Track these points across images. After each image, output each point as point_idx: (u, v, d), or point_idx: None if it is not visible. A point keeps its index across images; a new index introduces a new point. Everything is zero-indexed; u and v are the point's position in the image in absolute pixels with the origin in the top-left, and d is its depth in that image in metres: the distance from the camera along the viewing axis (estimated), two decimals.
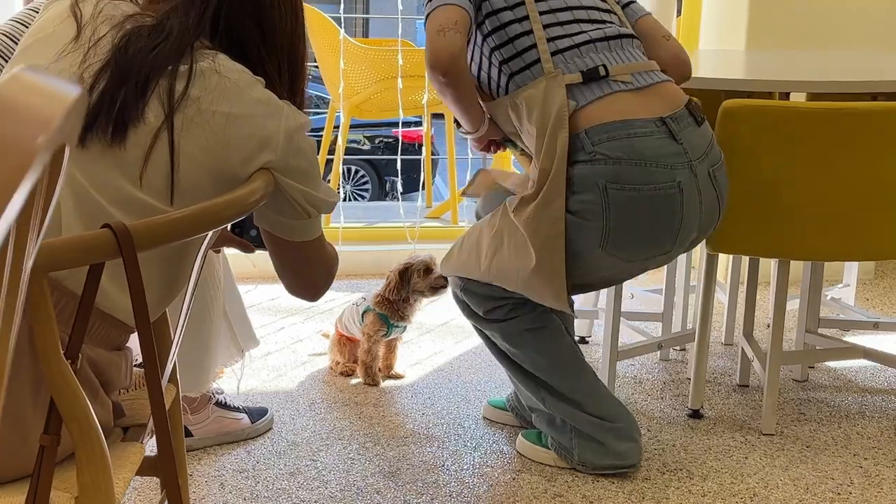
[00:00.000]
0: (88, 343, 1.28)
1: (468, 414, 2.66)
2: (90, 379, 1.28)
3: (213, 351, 2.29)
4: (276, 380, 2.86)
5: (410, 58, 4.36)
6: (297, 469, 2.32)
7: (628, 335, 3.01)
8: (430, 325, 3.38)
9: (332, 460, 2.37)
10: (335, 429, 2.54)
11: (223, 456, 2.38)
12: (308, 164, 1.45)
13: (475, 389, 2.83)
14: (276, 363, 2.99)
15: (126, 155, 1.30)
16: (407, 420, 2.62)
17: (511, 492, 2.24)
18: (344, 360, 2.91)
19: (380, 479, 2.28)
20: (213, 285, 2.24)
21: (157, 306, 1.39)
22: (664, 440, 2.53)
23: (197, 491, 2.20)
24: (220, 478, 2.27)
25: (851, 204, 2.42)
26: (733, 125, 2.41)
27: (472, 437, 2.52)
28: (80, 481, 1.22)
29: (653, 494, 2.25)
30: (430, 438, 2.51)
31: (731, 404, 2.77)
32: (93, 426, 1.20)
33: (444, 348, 3.17)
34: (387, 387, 2.84)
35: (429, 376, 2.93)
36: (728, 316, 3.23)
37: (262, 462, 2.35)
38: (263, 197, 1.34)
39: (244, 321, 2.39)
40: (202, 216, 1.22)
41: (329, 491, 2.22)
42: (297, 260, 1.58)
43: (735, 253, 2.60)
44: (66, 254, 1.13)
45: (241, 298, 2.41)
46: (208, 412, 2.40)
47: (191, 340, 2.21)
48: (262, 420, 2.51)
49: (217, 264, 2.25)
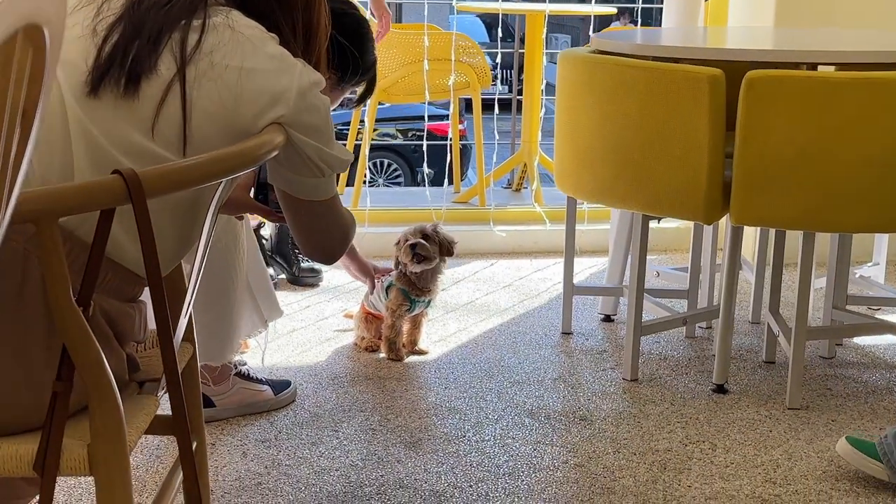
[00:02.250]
0: (101, 294, 1.29)
1: (490, 388, 2.65)
2: (103, 329, 1.28)
3: (236, 321, 2.30)
4: (300, 355, 2.87)
5: (436, 41, 4.35)
6: (318, 439, 2.33)
7: (654, 313, 2.98)
8: (455, 305, 3.37)
9: (353, 431, 2.37)
10: (357, 401, 2.55)
11: (246, 426, 2.39)
12: (321, 120, 1.45)
13: (498, 365, 2.82)
14: (301, 339, 3.00)
15: (139, 107, 1.31)
16: (429, 393, 2.61)
17: (532, 462, 2.24)
18: (370, 336, 2.91)
19: (401, 449, 2.28)
20: (237, 255, 2.25)
21: (169, 259, 1.39)
22: (687, 413, 2.51)
23: (218, 459, 2.21)
24: (242, 447, 2.28)
25: (878, 175, 2.38)
26: (757, 96, 2.39)
27: (494, 409, 2.52)
28: (92, 428, 1.23)
29: (675, 465, 2.23)
30: (451, 411, 2.50)
31: (756, 380, 2.74)
32: (105, 373, 1.20)
33: (467, 326, 3.16)
34: (410, 362, 2.84)
35: (452, 353, 2.92)
36: (755, 295, 3.20)
37: (285, 432, 2.36)
38: (275, 149, 1.34)
39: (267, 292, 2.40)
40: (213, 164, 1.22)
41: (350, 460, 2.23)
42: (312, 220, 1.58)
43: (759, 224, 2.57)
44: (75, 198, 1.13)
45: (264, 269, 2.41)
46: (230, 383, 2.40)
47: (213, 310, 2.23)
48: (285, 392, 2.51)
49: (241, 234, 2.26)
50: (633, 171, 2.59)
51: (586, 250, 3.92)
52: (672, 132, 2.50)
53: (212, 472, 2.15)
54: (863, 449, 2.15)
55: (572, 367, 2.83)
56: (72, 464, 1.23)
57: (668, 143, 2.52)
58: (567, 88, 2.78)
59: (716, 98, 2.43)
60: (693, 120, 2.46)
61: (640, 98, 2.54)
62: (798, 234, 2.56)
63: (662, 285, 3.38)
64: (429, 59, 4.24)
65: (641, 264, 2.68)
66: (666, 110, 2.50)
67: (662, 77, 2.50)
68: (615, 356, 2.89)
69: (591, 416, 2.48)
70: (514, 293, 3.52)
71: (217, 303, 2.23)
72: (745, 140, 2.43)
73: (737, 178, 2.45)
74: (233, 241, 2.22)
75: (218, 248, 2.20)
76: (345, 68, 2.23)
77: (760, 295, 3.17)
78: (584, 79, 2.69)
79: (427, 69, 4.22)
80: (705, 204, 2.50)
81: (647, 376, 2.75)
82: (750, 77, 2.39)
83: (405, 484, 2.12)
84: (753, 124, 2.40)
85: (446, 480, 2.14)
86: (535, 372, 2.77)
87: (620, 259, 3.15)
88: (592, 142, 2.69)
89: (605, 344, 3.01)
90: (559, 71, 2.83)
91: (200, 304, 2.08)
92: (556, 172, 2.90)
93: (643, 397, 2.61)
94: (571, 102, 2.76)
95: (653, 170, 2.55)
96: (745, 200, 2.45)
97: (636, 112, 2.55)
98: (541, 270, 3.80)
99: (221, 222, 2.17)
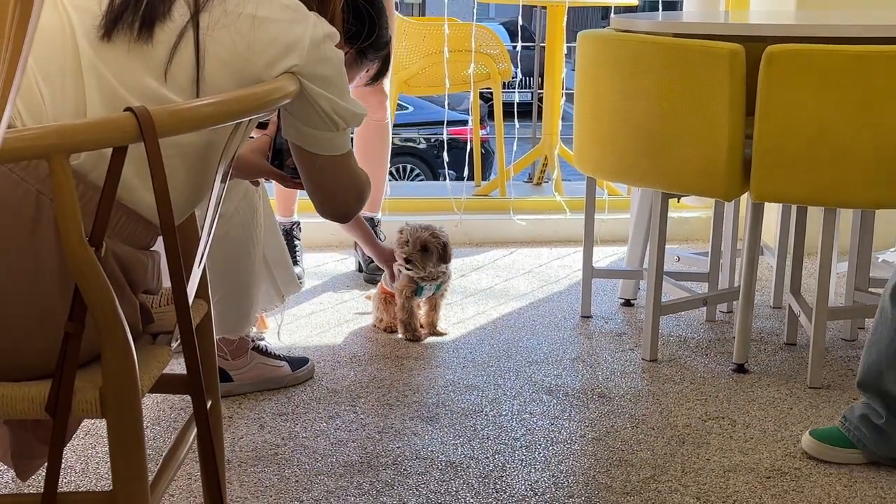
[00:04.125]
0: (114, 238, 1.28)
1: (508, 367, 2.64)
2: (116, 274, 1.28)
3: (253, 294, 2.29)
4: (318, 335, 2.87)
5: (456, 32, 4.35)
6: (336, 413, 2.32)
7: (674, 295, 2.96)
8: (474, 290, 3.36)
9: (371, 405, 2.36)
10: (375, 378, 2.54)
11: (263, 401, 2.38)
12: (334, 72, 1.45)
13: (517, 346, 2.80)
14: (319, 321, 2.99)
15: (152, 52, 1.31)
16: (447, 371, 2.60)
17: (549, 436, 2.22)
18: (389, 318, 2.91)
19: (418, 423, 2.27)
20: (254, 227, 2.24)
21: (181, 206, 1.39)
22: (707, 392, 2.48)
23: (235, 431, 2.21)
24: (260, 419, 2.28)
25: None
26: (777, 70, 2.36)
27: (512, 387, 2.50)
28: (104, 371, 1.23)
29: (693, 440, 2.20)
30: (469, 387, 2.49)
31: (777, 361, 2.71)
32: (117, 315, 1.20)
33: (486, 310, 3.15)
34: (428, 343, 2.83)
35: (471, 334, 2.91)
36: (776, 278, 3.17)
37: (302, 406, 2.36)
38: (288, 96, 1.34)
39: (285, 265, 2.39)
40: (225, 105, 1.22)
41: (367, 432, 2.22)
42: (325, 177, 1.58)
43: (780, 200, 2.54)
44: (86, 134, 1.13)
45: (282, 242, 2.41)
46: (248, 358, 2.40)
47: (230, 282, 2.23)
48: (303, 369, 2.51)
49: (258, 206, 2.25)
50: (653, 149, 2.57)
51: (606, 240, 3.90)
52: (692, 108, 2.49)
53: (228, 443, 2.14)
54: (830, 440, 2.12)
55: (591, 348, 2.81)
56: (84, 406, 1.23)
57: (688, 120, 2.50)
58: (587, 67, 2.76)
59: (735, 73, 2.41)
60: (713, 95, 2.44)
61: (660, 75, 2.52)
62: (819, 218, 2.54)
63: (683, 269, 3.36)
64: (449, 50, 4.24)
65: (661, 242, 2.66)
66: (686, 86, 2.48)
67: (682, 53, 2.48)
68: (634, 338, 2.87)
69: (609, 394, 2.46)
70: (533, 279, 3.50)
71: (234, 275, 2.23)
72: (765, 115, 2.40)
73: (757, 153, 2.43)
74: (250, 213, 2.22)
75: (235, 220, 2.20)
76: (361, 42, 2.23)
77: (782, 279, 3.14)
78: (604, 56, 2.68)
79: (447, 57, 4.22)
80: (725, 180, 2.48)
81: (667, 357, 2.72)
82: (770, 51, 2.37)
83: (421, 455, 2.11)
84: (774, 99, 2.38)
85: (463, 452, 2.13)
86: (553, 352, 2.76)
87: (640, 242, 3.13)
88: (612, 120, 2.67)
89: (625, 326, 2.99)
90: (579, 49, 2.81)
91: (218, 277, 2.09)
92: (576, 151, 2.89)
93: (662, 376, 2.58)
94: (591, 80, 2.74)
95: (673, 147, 2.53)
96: (766, 176, 2.43)
97: (656, 89, 2.54)
98: (560, 258, 3.78)
99: (239, 193, 2.18)
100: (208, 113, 1.21)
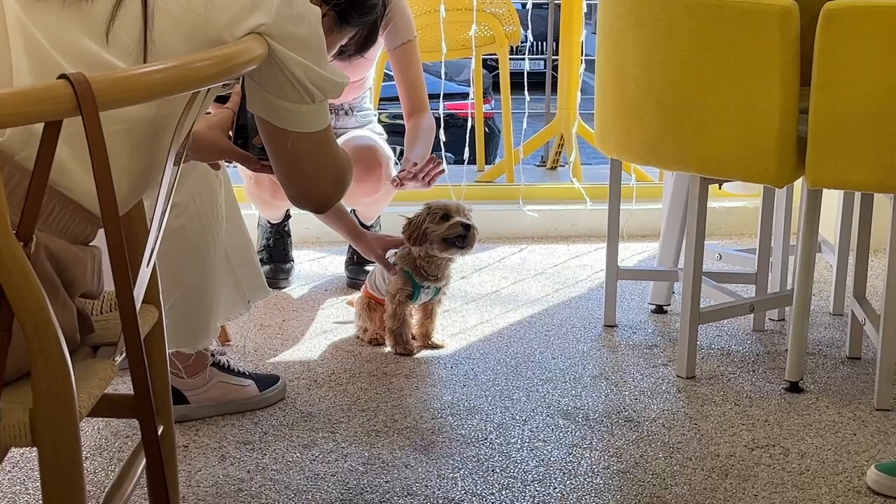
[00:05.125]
0: (47, 231, 1.28)
1: (518, 386, 2.64)
2: (48, 273, 1.27)
3: (212, 300, 2.29)
4: (291, 348, 2.87)
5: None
6: (311, 441, 2.32)
7: (715, 299, 2.96)
8: (476, 294, 3.36)
9: (353, 433, 2.36)
10: (359, 400, 2.54)
11: (225, 427, 2.38)
12: (310, 33, 1.44)
13: (527, 362, 2.80)
14: (292, 330, 3.00)
15: (91, 8, 1.31)
16: (445, 391, 2.60)
17: (566, 468, 2.22)
18: (374, 327, 2.91)
19: (410, 453, 2.27)
20: (213, 219, 2.24)
21: (126, 194, 1.39)
22: (754, 415, 2.48)
23: (192, 463, 2.21)
24: (221, 449, 2.28)
25: None
26: (838, 32, 2.36)
27: (522, 410, 2.50)
28: (35, 389, 1.22)
29: (739, 472, 2.21)
30: (471, 411, 2.49)
31: (837, 378, 2.72)
32: (49, 322, 1.20)
33: (491, 318, 3.15)
34: (422, 357, 2.83)
35: (473, 346, 2.91)
36: (837, 280, 3.17)
37: (271, 433, 2.35)
38: (253, 61, 1.34)
39: (250, 265, 2.39)
40: (179, 72, 1.22)
41: (349, 464, 2.22)
42: (299, 159, 1.58)
43: (841, 187, 2.54)
44: (12, 107, 1.12)
45: (248, 238, 2.41)
46: (207, 375, 2.40)
47: (185, 285, 2.23)
48: (272, 389, 2.51)
49: (219, 194, 2.25)
50: (689, 126, 2.57)
51: (635, 234, 3.90)
52: (736, 78, 2.49)
53: (183, 477, 2.14)
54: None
55: (616, 363, 2.81)
56: (10, 431, 1.23)
57: (731, 91, 2.50)
58: (609, 31, 2.77)
59: (788, 35, 2.41)
60: (761, 62, 2.44)
61: (697, 39, 2.52)
62: (888, 208, 2.54)
63: (726, 269, 3.36)
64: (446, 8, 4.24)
65: (700, 238, 2.66)
66: (728, 51, 2.48)
67: (723, 12, 2.48)
68: (668, 351, 2.87)
69: (637, 418, 2.46)
70: (547, 282, 3.50)
71: (190, 276, 2.23)
72: (822, 86, 2.40)
73: (813, 130, 2.43)
74: (209, 203, 2.22)
75: (191, 211, 2.20)
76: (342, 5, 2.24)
77: (843, 281, 3.14)
78: (630, 19, 2.68)
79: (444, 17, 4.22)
80: (775, 163, 2.48)
81: (706, 373, 2.73)
82: (829, 9, 2.37)
83: (414, 491, 2.11)
84: (833, 66, 2.38)
85: (463, 487, 2.13)
86: (571, 369, 2.76)
87: (675, 238, 3.14)
88: (640, 93, 2.67)
89: (656, 338, 2.99)
90: (600, 10, 2.82)
91: (171, 278, 2.09)
92: (598, 130, 2.89)
93: (701, 397, 2.59)
94: (615, 47, 2.75)
95: (713, 123, 2.53)
96: (824, 158, 2.43)
97: (692, 54, 2.54)
98: (579, 257, 3.78)
99: (195, 178, 2.17)
100: (158, 81, 1.20)
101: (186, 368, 2.37)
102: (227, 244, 2.32)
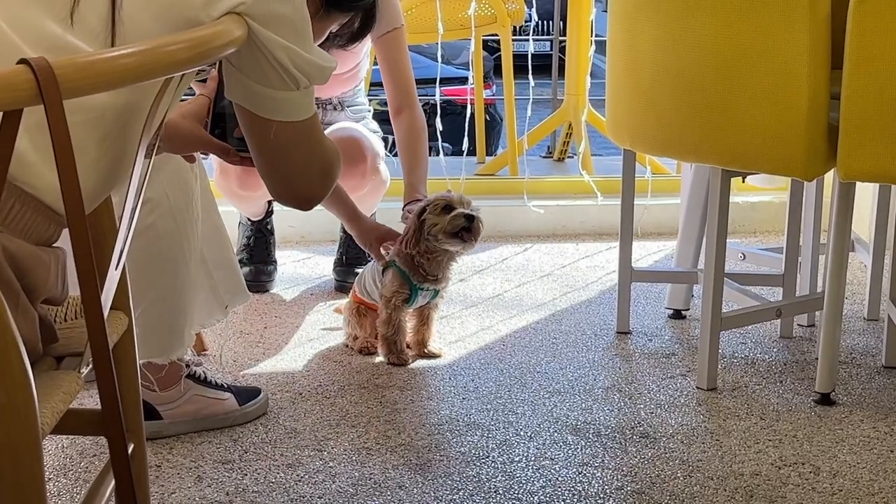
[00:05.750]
0: (5, 231, 1.29)
1: (522, 399, 2.65)
2: (7, 277, 1.27)
3: (187, 305, 2.30)
4: (273, 358, 2.88)
5: None
6: (296, 460, 2.33)
7: (738, 303, 2.97)
8: (477, 299, 3.37)
9: (342, 451, 2.37)
10: (348, 415, 2.55)
11: (201, 444, 2.39)
12: (294, 13, 1.45)
13: (533, 372, 2.81)
14: (275, 338, 3.01)
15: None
16: (442, 405, 2.61)
17: (575, 488, 2.23)
18: (364, 334, 2.92)
19: (404, 472, 2.28)
20: (188, 218, 2.24)
21: (94, 191, 1.39)
22: (781, 430, 2.49)
23: (166, 485, 2.21)
24: (197, 469, 2.28)
25: None
26: (873, 9, 2.37)
27: (527, 425, 2.51)
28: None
29: (765, 493, 2.21)
30: (471, 426, 2.50)
31: (873, 389, 2.73)
32: (8, 330, 1.20)
33: (493, 324, 3.16)
34: (418, 367, 2.84)
35: (473, 355, 2.92)
36: (872, 282, 3.19)
37: (252, 452, 2.36)
38: (232, 44, 1.34)
39: (229, 268, 2.40)
40: (151, 56, 1.22)
41: (338, 485, 2.22)
42: (282, 151, 1.58)
43: (876, 180, 2.54)
44: None
45: (226, 237, 2.41)
46: (182, 388, 2.41)
47: (157, 289, 2.23)
48: (253, 403, 2.51)
49: (194, 190, 2.26)
50: (708, 113, 2.58)
51: (650, 232, 3.91)
52: (760, 60, 2.49)
53: (157, 499, 2.15)
54: None
55: (630, 373, 2.82)
56: None
57: (754, 75, 2.50)
58: (623, 9, 2.78)
59: (818, 12, 2.42)
60: (787, 42, 2.45)
61: (718, 15, 2.53)
62: None
63: (750, 270, 3.37)
64: None
65: (721, 236, 2.67)
66: (752, 30, 2.49)
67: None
68: (687, 360, 2.88)
69: (654, 433, 2.47)
70: (553, 284, 3.51)
71: (162, 280, 2.23)
72: (856, 69, 2.41)
73: (846, 118, 2.44)
74: (183, 199, 2.22)
75: (164, 208, 2.20)
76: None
77: (879, 283, 3.16)
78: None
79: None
80: (804, 153, 2.48)
81: (729, 384, 2.74)
82: None
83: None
84: (868, 47, 2.38)
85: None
86: (580, 380, 2.77)
87: (694, 236, 3.15)
88: (655, 76, 2.68)
89: (674, 345, 3.00)
90: None
91: (142, 282, 2.10)
92: (609, 118, 2.90)
93: (723, 410, 2.60)
94: (629, 27, 2.75)
95: (735, 110, 2.54)
96: (857, 148, 2.44)
97: (712, 34, 2.54)
98: (589, 257, 3.79)
99: (168, 173, 2.18)
100: (128, 66, 1.21)
101: (159, 381, 2.38)
102: (203, 244, 2.33)
